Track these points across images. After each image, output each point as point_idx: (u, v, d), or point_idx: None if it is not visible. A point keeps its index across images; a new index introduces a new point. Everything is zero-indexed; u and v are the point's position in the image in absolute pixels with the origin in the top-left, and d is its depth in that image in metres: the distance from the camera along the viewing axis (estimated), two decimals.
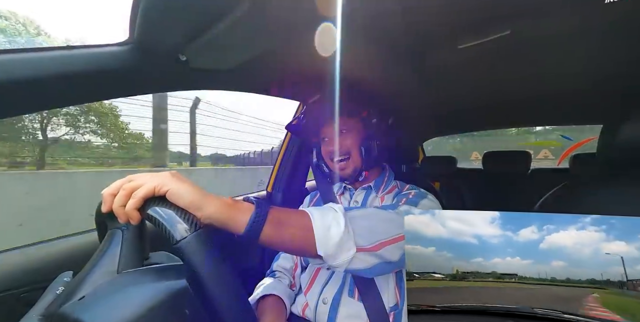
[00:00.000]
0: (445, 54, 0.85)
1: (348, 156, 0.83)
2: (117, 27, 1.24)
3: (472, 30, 0.71)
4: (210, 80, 0.84)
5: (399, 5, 0.62)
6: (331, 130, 0.84)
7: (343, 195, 0.91)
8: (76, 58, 0.54)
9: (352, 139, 0.83)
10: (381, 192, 0.85)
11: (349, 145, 0.82)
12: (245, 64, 0.76)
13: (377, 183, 0.86)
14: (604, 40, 0.74)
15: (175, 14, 0.53)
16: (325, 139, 0.87)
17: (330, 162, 0.86)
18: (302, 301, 0.79)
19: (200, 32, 0.59)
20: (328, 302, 0.73)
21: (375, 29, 0.73)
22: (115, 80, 0.62)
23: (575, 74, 1.01)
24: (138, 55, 0.62)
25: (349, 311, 0.71)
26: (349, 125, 0.84)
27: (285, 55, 0.82)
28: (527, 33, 0.70)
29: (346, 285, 0.74)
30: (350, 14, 0.65)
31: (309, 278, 0.81)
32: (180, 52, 0.66)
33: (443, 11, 0.64)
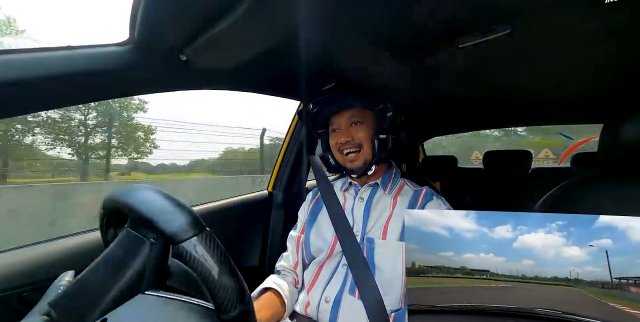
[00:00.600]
0: (445, 54, 0.85)
1: (359, 148, 0.81)
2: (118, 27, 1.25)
3: (472, 30, 0.71)
4: (210, 80, 0.85)
5: (399, 5, 0.61)
6: (344, 120, 0.82)
7: (347, 191, 0.89)
8: (77, 58, 0.54)
9: (365, 131, 0.81)
10: (389, 190, 0.83)
11: (362, 137, 0.80)
12: (245, 64, 0.76)
13: (384, 180, 0.84)
14: (604, 39, 0.74)
15: (175, 14, 0.53)
16: (335, 130, 0.84)
17: (338, 154, 0.84)
18: (304, 299, 0.78)
19: (201, 32, 0.59)
20: (330, 300, 0.73)
21: (375, 29, 0.72)
22: (115, 81, 0.62)
23: (575, 74, 1.01)
24: (138, 55, 0.62)
25: (351, 309, 0.71)
26: (362, 116, 0.82)
27: (285, 55, 0.82)
28: (527, 33, 0.70)
29: (347, 283, 0.74)
30: (351, 14, 0.65)
31: (311, 277, 0.81)
32: (180, 52, 0.66)
33: (443, 11, 0.64)
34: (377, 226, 0.77)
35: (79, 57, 0.54)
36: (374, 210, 0.80)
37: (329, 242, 0.80)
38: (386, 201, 0.81)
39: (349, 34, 0.75)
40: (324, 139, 0.91)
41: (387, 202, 0.81)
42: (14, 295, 0.62)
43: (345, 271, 0.75)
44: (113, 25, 30.75)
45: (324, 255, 0.79)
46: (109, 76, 0.59)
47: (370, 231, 0.77)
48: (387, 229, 0.75)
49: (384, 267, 0.72)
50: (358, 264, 0.72)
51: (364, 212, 0.81)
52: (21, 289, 0.63)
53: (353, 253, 0.73)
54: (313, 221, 0.87)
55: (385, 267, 0.71)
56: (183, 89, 0.80)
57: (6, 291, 0.61)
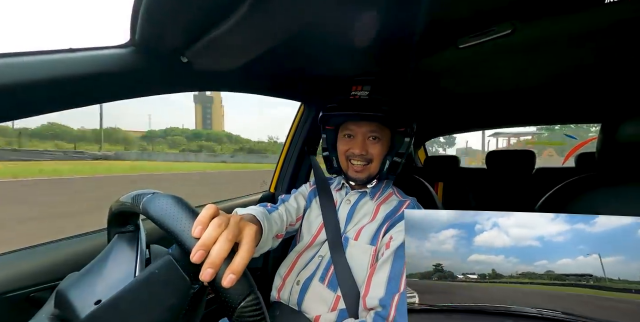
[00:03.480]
0: (445, 54, 0.85)
1: (368, 163, 0.82)
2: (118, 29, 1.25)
3: (472, 30, 0.71)
4: (212, 82, 0.85)
5: (399, 6, 0.62)
6: (362, 131, 0.81)
7: (339, 191, 0.92)
8: (78, 60, 0.55)
9: (380, 148, 0.81)
10: (376, 198, 0.86)
11: (375, 154, 0.81)
12: (246, 65, 0.76)
13: (373, 190, 0.87)
14: (604, 39, 0.74)
15: (176, 16, 0.53)
16: (349, 136, 0.83)
17: (344, 160, 0.84)
18: (278, 284, 0.85)
19: (202, 34, 0.59)
20: (300, 284, 0.79)
21: (375, 29, 0.73)
22: (117, 83, 0.63)
23: (575, 74, 1.01)
24: (139, 57, 0.62)
25: (316, 294, 0.76)
26: (381, 133, 0.81)
27: (286, 56, 0.82)
28: (527, 33, 0.70)
29: (319, 271, 0.79)
30: (351, 15, 0.65)
31: (290, 264, 0.85)
32: (181, 54, 0.66)
33: (443, 11, 0.64)
34: (355, 229, 0.81)
35: (80, 60, 0.55)
36: (357, 214, 0.84)
37: (312, 234, 0.85)
38: (370, 208, 0.84)
39: (349, 35, 0.76)
40: (330, 136, 0.90)
41: (370, 209, 0.84)
42: (22, 295, 0.62)
43: (319, 261, 0.80)
44: (114, 28, 31.12)
45: (304, 244, 0.85)
46: (110, 78, 0.60)
47: (349, 232, 0.81)
48: (361, 232, 0.79)
49: (351, 264, 0.76)
50: (340, 258, 0.76)
51: (347, 214, 0.85)
52: (28, 289, 0.63)
53: (336, 248, 0.78)
54: (307, 208, 0.93)
55: (353, 265, 0.76)
56: (185, 91, 0.81)
57: (14, 291, 0.62)
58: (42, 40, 37.99)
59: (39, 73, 0.50)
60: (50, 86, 0.52)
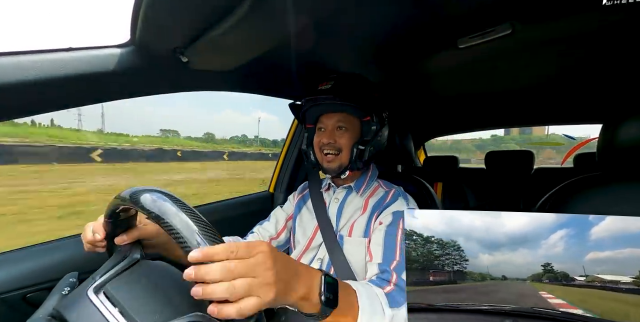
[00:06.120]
0: (445, 54, 0.85)
1: (338, 152, 0.83)
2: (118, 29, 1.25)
3: (472, 30, 0.71)
4: (211, 81, 0.85)
5: (400, 6, 0.62)
6: (331, 122, 0.84)
7: (327, 191, 0.94)
8: (77, 60, 0.54)
9: (348, 137, 0.83)
10: (362, 192, 0.87)
11: (342, 143, 0.83)
12: (245, 65, 0.76)
13: (357, 184, 0.88)
14: (603, 40, 0.74)
15: (175, 16, 0.53)
16: (321, 129, 0.87)
17: (319, 152, 0.87)
18: None
19: (201, 34, 0.59)
20: None
21: (375, 30, 0.73)
22: (116, 82, 0.63)
23: (575, 74, 1.01)
24: (139, 56, 0.62)
25: None
26: (348, 122, 0.84)
27: (285, 56, 0.82)
28: (527, 33, 0.71)
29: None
30: (351, 15, 0.65)
31: None
32: (180, 54, 0.66)
33: (443, 11, 0.64)
34: (347, 225, 0.82)
35: (80, 59, 0.55)
36: (346, 210, 0.86)
37: (308, 237, 0.86)
38: (358, 203, 0.85)
39: (349, 35, 0.76)
40: (310, 134, 0.93)
41: (358, 204, 0.85)
42: (18, 296, 0.62)
43: (319, 264, 0.81)
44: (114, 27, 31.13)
45: (301, 248, 0.85)
46: (110, 78, 0.60)
47: (342, 229, 0.83)
48: (353, 227, 0.80)
49: (350, 260, 0.77)
50: (338, 257, 0.77)
51: (337, 211, 0.86)
52: (25, 290, 0.63)
53: (333, 248, 0.79)
54: (297, 215, 0.94)
55: (352, 261, 0.77)
56: (184, 90, 0.81)
57: (10, 292, 0.61)
58: (42, 40, 37.55)
59: (39, 72, 0.50)
60: (51, 85, 0.52)
